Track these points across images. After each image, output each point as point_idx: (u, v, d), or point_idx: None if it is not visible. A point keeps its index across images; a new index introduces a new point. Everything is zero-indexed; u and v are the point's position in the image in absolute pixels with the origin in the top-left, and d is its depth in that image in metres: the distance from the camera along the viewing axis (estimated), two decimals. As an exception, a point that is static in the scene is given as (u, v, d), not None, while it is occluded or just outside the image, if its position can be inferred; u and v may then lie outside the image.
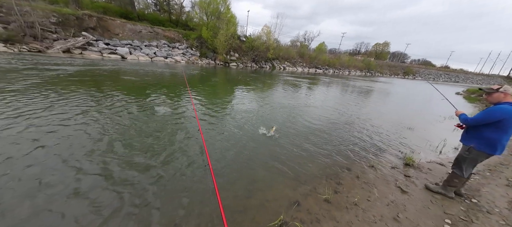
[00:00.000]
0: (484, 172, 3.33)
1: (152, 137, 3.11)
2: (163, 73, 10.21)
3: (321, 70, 31.13)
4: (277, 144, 3.42)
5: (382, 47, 58.64)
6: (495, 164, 3.70)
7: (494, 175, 3.25)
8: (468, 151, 2.15)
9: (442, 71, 56.95)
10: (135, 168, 2.33)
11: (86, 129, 3.11)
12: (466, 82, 48.10)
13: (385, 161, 3.31)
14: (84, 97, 4.65)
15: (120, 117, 3.74)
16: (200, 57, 20.18)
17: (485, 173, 3.32)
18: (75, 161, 2.33)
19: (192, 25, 23.43)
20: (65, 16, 14.77)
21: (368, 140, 4.13)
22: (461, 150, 2.25)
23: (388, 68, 45.25)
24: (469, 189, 2.69)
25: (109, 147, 2.69)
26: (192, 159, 2.63)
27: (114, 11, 20.18)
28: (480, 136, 2.05)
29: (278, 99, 7.02)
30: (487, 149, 2.01)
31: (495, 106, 1.97)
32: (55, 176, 2.06)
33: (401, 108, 8.30)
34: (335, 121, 5.21)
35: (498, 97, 2.00)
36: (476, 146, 2.07)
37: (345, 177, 2.65)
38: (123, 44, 16.14)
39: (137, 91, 5.79)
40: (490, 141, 1.98)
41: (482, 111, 2.05)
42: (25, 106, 3.72)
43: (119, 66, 10.64)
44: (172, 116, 4.13)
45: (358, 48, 69.35)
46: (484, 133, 2.01)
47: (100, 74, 7.67)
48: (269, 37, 25.49)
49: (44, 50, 12.08)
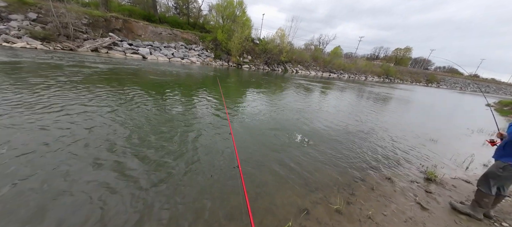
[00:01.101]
0: (520, 195, 2.98)
1: (179, 133, 3.25)
2: (188, 73, 10.65)
3: (336, 75, 30.26)
4: (287, 149, 3.38)
5: (404, 52, 55.41)
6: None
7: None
8: (502, 169, 1.94)
9: (471, 80, 52.25)
10: (166, 166, 2.44)
11: (129, 123, 3.35)
12: (498, 93, 43.66)
13: (403, 173, 3.10)
14: (138, 94, 5.01)
15: (147, 113, 3.97)
16: (214, 58, 20.73)
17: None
18: (122, 149, 2.51)
19: (208, 27, 24.26)
20: (95, 18, 16.10)
21: (385, 150, 3.92)
22: (494, 167, 2.04)
23: (409, 74, 42.68)
24: (500, 211, 2.42)
25: (140, 140, 2.86)
26: (220, 158, 2.69)
27: (138, 13, 21.59)
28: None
29: (291, 103, 6.94)
30: None
31: None
32: (125, 181, 2.23)
33: (423, 118, 7.75)
34: (349, 127, 5.02)
35: None
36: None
37: (359, 188, 2.54)
38: (145, 45, 17.15)
39: (164, 89, 6.10)
40: None
41: None
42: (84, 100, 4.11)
43: (141, 65, 11.31)
44: (206, 117, 4.28)
45: (376, 53, 66.44)
46: None
47: (141, 72, 8.22)
48: (283, 40, 25.44)
49: (75, 49, 13.25)
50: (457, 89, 40.20)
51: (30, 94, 4.11)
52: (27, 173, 2.00)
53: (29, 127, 2.87)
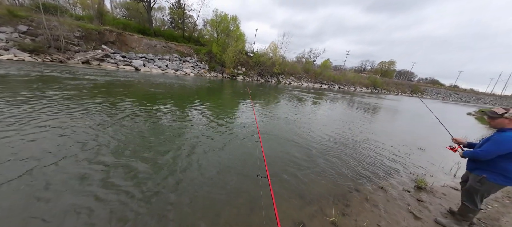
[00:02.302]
0: (503, 200, 3.11)
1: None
2: (181, 85, 10.63)
3: (327, 86, 31.31)
4: (281, 159, 3.39)
5: (388, 65, 58.83)
6: (516, 191, 3.47)
7: (515, 204, 3.04)
8: (479, 182, 1.94)
9: (452, 91, 55.80)
10: (199, 169, 2.36)
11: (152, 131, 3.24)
12: (478, 102, 46.62)
13: (395, 182, 3.18)
14: (129, 105, 4.89)
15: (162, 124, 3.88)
16: (209, 70, 20.98)
17: (504, 200, 3.11)
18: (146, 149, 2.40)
19: (203, 41, 24.83)
20: (88, 30, 16.08)
21: (377, 159, 4.01)
22: (472, 181, 2.02)
23: (394, 86, 44.92)
24: (488, 218, 2.51)
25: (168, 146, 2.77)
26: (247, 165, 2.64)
27: (133, 27, 21.82)
28: (493, 166, 1.85)
29: (284, 114, 7.05)
30: (500, 180, 1.83)
31: (501, 134, 1.82)
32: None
33: (411, 127, 8.08)
34: (342, 138, 5.13)
35: (502, 123, 1.85)
36: (489, 176, 1.88)
37: (353, 199, 2.56)
38: (138, 57, 17.14)
39: (156, 100, 6.03)
40: (506, 172, 1.79)
41: (490, 142, 1.87)
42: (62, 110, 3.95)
43: (132, 76, 11.20)
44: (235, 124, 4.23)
45: (363, 66, 69.93)
46: (499, 163, 1.82)
47: (131, 83, 8.10)
48: (275, 53, 26.37)
49: (65, 61, 13.00)
50: (440, 99, 42.61)
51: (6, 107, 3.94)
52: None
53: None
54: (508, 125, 1.80)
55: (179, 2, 26.09)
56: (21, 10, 14.24)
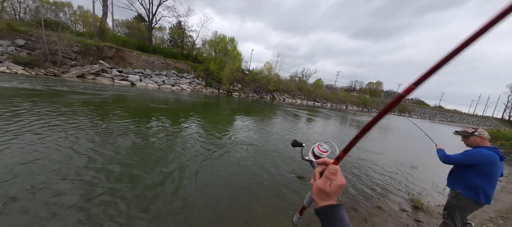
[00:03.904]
0: (497, 220, 3.18)
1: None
2: (170, 99, 10.65)
3: (319, 103, 32.25)
4: (277, 180, 3.38)
5: (376, 85, 62.17)
6: (507, 210, 3.55)
7: (507, 223, 3.10)
8: (456, 198, 1.98)
9: (437, 111, 58.76)
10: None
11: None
12: (462, 122, 49.05)
13: (392, 201, 3.21)
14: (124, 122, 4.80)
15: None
16: (205, 86, 21.31)
17: (498, 220, 3.17)
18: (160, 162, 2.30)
19: (201, 58, 25.62)
20: (87, 46, 16.30)
21: (373, 177, 4.07)
22: (449, 196, 2.07)
23: (383, 105, 46.09)
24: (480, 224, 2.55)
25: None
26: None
27: (132, 44, 22.38)
28: (465, 180, 1.92)
29: (279, 130, 7.13)
30: (472, 195, 1.87)
31: (474, 149, 1.92)
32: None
33: (403, 145, 8.33)
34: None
35: (475, 141, 1.96)
36: (463, 191, 1.93)
37: (352, 219, 2.55)
38: (135, 72, 17.28)
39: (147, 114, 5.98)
40: (473, 187, 1.86)
41: (462, 152, 1.95)
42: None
43: (126, 91, 11.17)
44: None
45: (353, 86, 73.36)
46: (469, 177, 1.89)
47: (120, 98, 8.03)
48: (270, 71, 27.46)
49: (59, 75, 12.89)
50: (427, 119, 44.59)
51: None
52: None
53: None
54: (481, 143, 1.93)
55: (180, 23, 27.40)
56: (22, 25, 14.44)
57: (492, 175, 1.81)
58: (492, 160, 1.80)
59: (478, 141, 1.95)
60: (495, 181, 1.83)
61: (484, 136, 1.94)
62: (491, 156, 1.81)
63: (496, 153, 1.83)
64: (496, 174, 1.82)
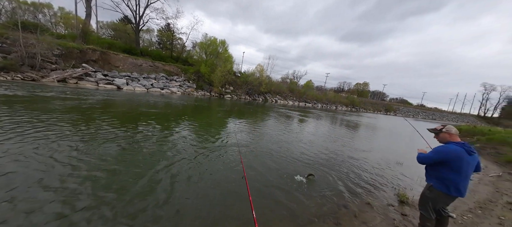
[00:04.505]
0: (475, 211, 3.38)
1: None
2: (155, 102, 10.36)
3: (310, 104, 32.91)
4: (267, 179, 3.39)
5: (363, 86, 64.68)
6: (485, 201, 3.79)
7: (485, 213, 3.31)
8: (429, 190, 2.07)
9: (420, 109, 62.06)
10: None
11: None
12: (443, 119, 52.16)
13: (380, 197, 3.32)
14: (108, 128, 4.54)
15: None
16: (196, 89, 20.99)
17: (477, 211, 3.38)
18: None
19: (191, 61, 25.26)
20: (69, 49, 15.50)
21: (361, 175, 4.19)
22: (424, 188, 2.17)
23: (371, 105, 48.82)
24: (465, 224, 2.71)
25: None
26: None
27: (118, 46, 21.61)
28: (437, 174, 2.01)
29: (271, 132, 7.16)
30: (443, 188, 1.95)
31: (443, 145, 2.01)
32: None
33: (389, 142, 8.68)
34: (327, 155, 5.31)
35: (444, 137, 2.05)
36: (434, 184, 2.02)
37: (343, 216, 2.60)
38: (122, 76, 16.66)
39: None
40: (444, 180, 1.94)
41: (433, 149, 2.04)
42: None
43: (111, 95, 10.72)
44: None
45: (341, 86, 75.73)
46: (440, 171, 1.98)
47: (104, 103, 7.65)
48: (262, 74, 27.66)
49: (38, 79, 12.12)
50: (411, 117, 46.97)
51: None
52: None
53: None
54: (450, 138, 2.02)
55: (169, 26, 26.90)
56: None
57: (460, 169, 1.86)
58: (458, 155, 1.86)
59: (447, 136, 2.05)
60: (465, 174, 1.87)
61: (452, 131, 2.03)
62: (457, 151, 1.88)
63: (463, 148, 1.89)
64: (464, 168, 1.86)
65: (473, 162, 1.92)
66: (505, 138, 9.59)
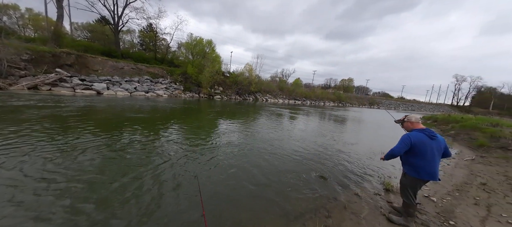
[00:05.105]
0: (454, 193, 3.60)
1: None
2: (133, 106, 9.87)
3: (300, 102, 33.49)
4: (258, 179, 3.34)
5: (348, 82, 67.06)
6: (461, 184, 4.06)
7: (462, 195, 3.54)
8: (404, 176, 2.20)
9: (400, 102, 65.88)
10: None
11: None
12: (421, 110, 55.86)
13: (367, 187, 3.42)
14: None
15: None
16: (184, 91, 20.37)
17: (455, 193, 3.60)
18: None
19: (177, 62, 24.43)
20: (40, 53, 14.24)
21: (349, 166, 4.30)
22: (401, 175, 2.31)
23: (356, 99, 50.87)
24: (445, 211, 2.86)
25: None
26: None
27: (96, 49, 20.29)
28: (407, 161, 2.13)
29: (262, 130, 7.13)
30: (414, 173, 2.06)
31: (405, 134, 2.15)
32: None
33: (374, 134, 9.06)
34: (317, 150, 5.40)
35: (407, 126, 2.22)
36: (407, 170, 2.14)
37: (333, 209, 2.63)
38: (101, 80, 15.66)
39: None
40: (414, 166, 2.05)
41: (399, 140, 2.14)
42: None
43: (93, 102, 10.02)
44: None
45: (328, 83, 77.99)
46: (408, 159, 2.10)
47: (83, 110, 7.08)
48: (251, 73, 27.57)
49: (5, 87, 11.01)
50: (393, 109, 49.70)
51: None
52: None
53: None
54: (412, 126, 2.18)
55: (151, 26, 25.77)
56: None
57: (425, 154, 1.97)
58: (420, 140, 1.98)
59: (410, 125, 2.21)
60: (431, 158, 1.97)
61: (412, 120, 2.21)
62: (418, 136, 2.01)
63: (424, 133, 2.03)
64: (429, 152, 1.96)
65: (438, 145, 2.01)
66: (476, 124, 10.46)
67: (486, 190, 3.70)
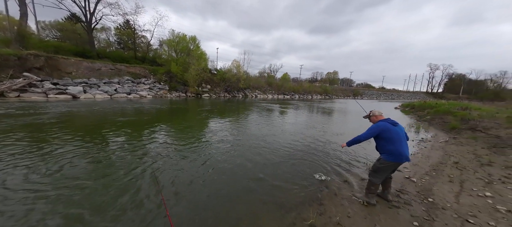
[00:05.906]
0: (431, 173, 3.90)
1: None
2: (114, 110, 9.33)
3: (288, 96, 33.96)
4: (253, 174, 3.36)
5: (333, 75, 69.23)
6: (437, 164, 4.41)
7: (438, 174, 3.85)
8: (379, 161, 2.47)
9: (381, 92, 69.65)
10: None
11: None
12: (400, 98, 59.60)
13: (355, 173, 3.60)
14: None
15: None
16: (170, 90, 19.60)
17: (432, 173, 3.91)
18: None
19: (160, 61, 23.31)
20: (3, 57, 12.73)
21: (338, 155, 4.49)
22: (375, 161, 2.56)
23: (341, 91, 52.84)
24: (424, 189, 3.10)
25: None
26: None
27: (68, 50, 18.61)
28: (381, 148, 2.46)
29: (254, 127, 7.14)
30: (390, 158, 2.32)
31: (373, 124, 2.55)
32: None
33: (358, 123, 9.50)
34: (307, 141, 5.54)
35: (373, 120, 2.64)
36: (383, 156, 2.41)
37: (325, 197, 2.73)
38: (77, 83, 14.49)
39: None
40: (389, 152, 2.34)
41: (367, 129, 2.51)
42: None
43: (69, 107, 9.25)
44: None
45: (315, 77, 79.89)
46: (384, 147, 2.39)
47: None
48: (239, 69, 27.24)
49: (-39, 96, 9.73)
50: (374, 99, 52.43)
51: None
52: None
53: None
54: (376, 119, 2.61)
55: (128, 22, 24.14)
56: None
57: (392, 138, 2.32)
58: (386, 127, 2.39)
59: (375, 118, 2.64)
60: (398, 142, 2.31)
61: (376, 113, 2.65)
62: (382, 125, 2.41)
63: (387, 122, 2.45)
64: (395, 136, 2.32)
65: (400, 130, 2.44)
66: (448, 108, 11.42)
67: (458, 168, 4.08)
